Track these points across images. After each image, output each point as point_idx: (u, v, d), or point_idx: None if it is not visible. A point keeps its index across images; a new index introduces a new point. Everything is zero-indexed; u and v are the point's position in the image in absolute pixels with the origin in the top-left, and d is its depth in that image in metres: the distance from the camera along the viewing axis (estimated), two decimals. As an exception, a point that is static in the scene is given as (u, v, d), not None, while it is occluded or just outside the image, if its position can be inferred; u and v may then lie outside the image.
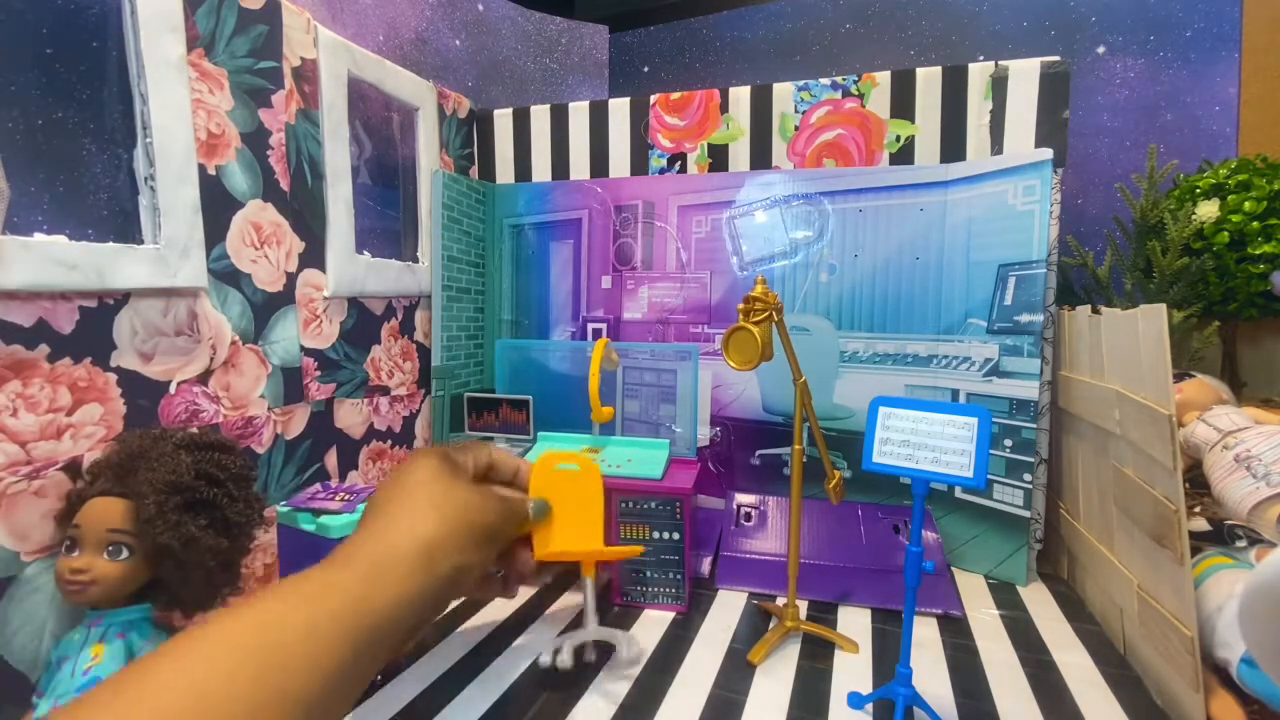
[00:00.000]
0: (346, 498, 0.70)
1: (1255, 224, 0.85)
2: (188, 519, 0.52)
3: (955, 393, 0.90)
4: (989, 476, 0.87)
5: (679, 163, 1.08)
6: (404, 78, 0.98)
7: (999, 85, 0.91)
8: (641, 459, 0.83)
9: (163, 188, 0.63)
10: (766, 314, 0.63)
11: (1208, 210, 0.87)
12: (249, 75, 0.73)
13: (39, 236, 0.54)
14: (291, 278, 0.79)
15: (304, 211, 0.81)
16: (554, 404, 1.03)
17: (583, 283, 1.10)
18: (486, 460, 0.49)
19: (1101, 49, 1.09)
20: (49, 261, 0.54)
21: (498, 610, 0.78)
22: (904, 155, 0.98)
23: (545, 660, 0.61)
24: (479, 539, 0.35)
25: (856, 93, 0.99)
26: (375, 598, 0.28)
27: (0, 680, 0.52)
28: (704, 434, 1.00)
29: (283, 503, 0.71)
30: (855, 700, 0.59)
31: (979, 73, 0.92)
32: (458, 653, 0.69)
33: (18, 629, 0.53)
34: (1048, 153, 0.83)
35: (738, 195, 1.01)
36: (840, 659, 0.67)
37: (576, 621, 0.73)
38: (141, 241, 0.63)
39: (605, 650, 0.67)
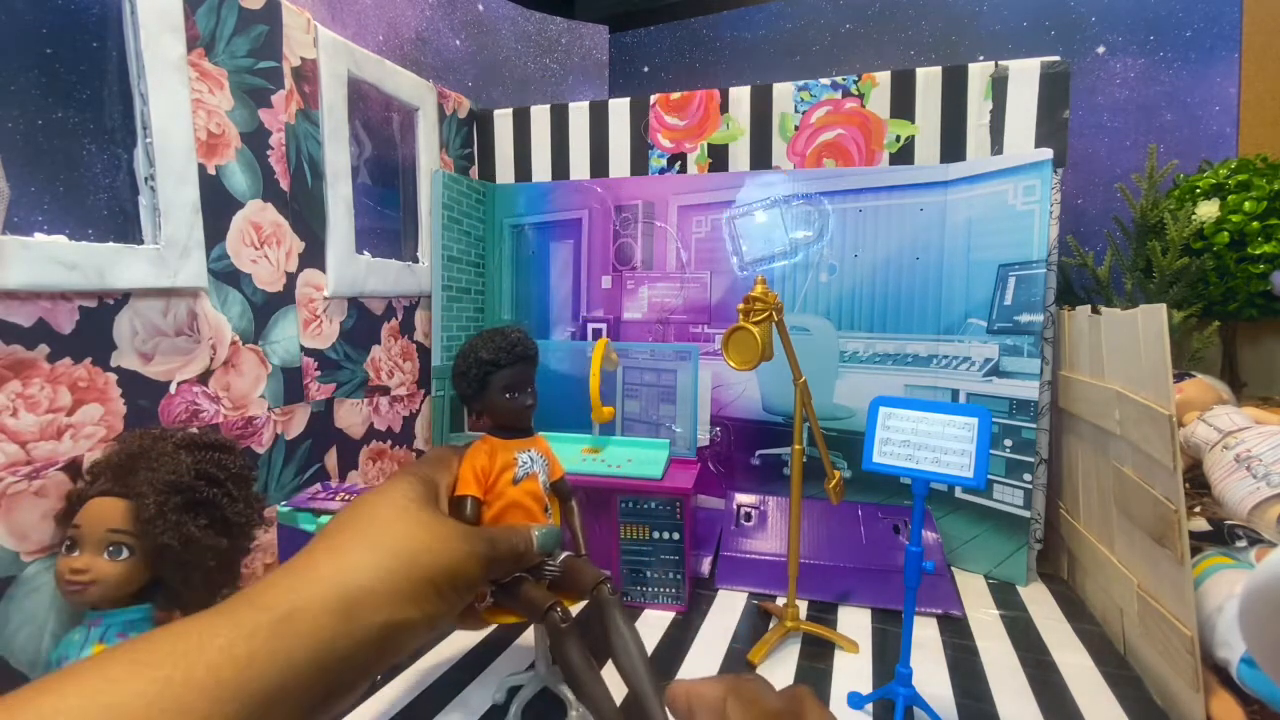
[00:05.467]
0: (346, 498, 0.70)
1: (1255, 224, 0.85)
2: (188, 519, 0.52)
3: (955, 393, 0.90)
4: (989, 476, 0.87)
5: (679, 163, 1.08)
6: (404, 78, 0.98)
7: (999, 85, 0.91)
8: (641, 459, 0.83)
9: (163, 188, 0.63)
10: (766, 314, 0.63)
11: (1208, 210, 0.87)
12: (249, 75, 0.73)
13: (39, 236, 0.55)
14: (291, 278, 0.79)
15: (304, 211, 0.81)
16: (554, 404, 1.02)
17: (583, 283, 1.10)
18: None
19: (1101, 49, 1.09)
20: (49, 261, 0.54)
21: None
22: (904, 155, 0.98)
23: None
24: (425, 590, 0.28)
25: (856, 93, 0.99)
26: (261, 661, 0.22)
27: (0, 680, 0.52)
28: (704, 434, 1.00)
29: (283, 503, 0.71)
30: (855, 700, 0.59)
31: (979, 73, 0.92)
32: (456, 654, 0.69)
33: (18, 629, 0.53)
34: (1048, 153, 0.83)
35: (738, 195, 1.01)
36: (840, 659, 0.67)
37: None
38: (141, 241, 0.63)
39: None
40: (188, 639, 0.22)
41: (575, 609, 0.54)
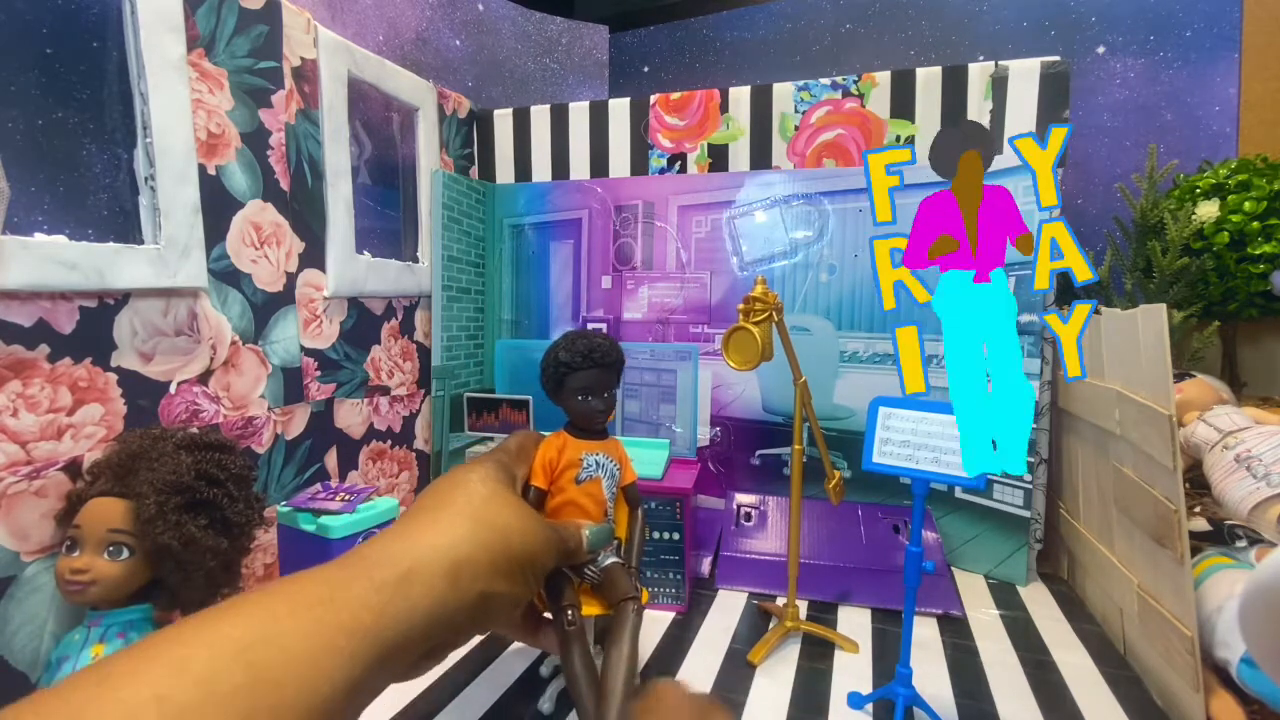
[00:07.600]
0: (346, 498, 0.70)
1: (1255, 224, 0.85)
2: (188, 519, 0.52)
3: (955, 393, 0.90)
4: (989, 477, 0.87)
5: (679, 163, 1.08)
6: (404, 78, 0.98)
7: (999, 85, 0.91)
8: (641, 459, 0.83)
9: (163, 188, 0.63)
10: (766, 314, 0.63)
11: (1208, 210, 0.87)
12: (249, 75, 0.73)
13: (39, 236, 0.55)
14: (291, 278, 0.79)
15: (304, 211, 0.81)
16: (554, 404, 1.02)
17: (583, 283, 1.10)
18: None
19: (1101, 49, 1.09)
20: (49, 261, 0.54)
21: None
22: (904, 155, 0.97)
23: (545, 707, 0.59)
24: (514, 568, 0.31)
25: (856, 93, 0.99)
26: (391, 612, 0.25)
27: (0, 680, 0.52)
28: (704, 434, 1.00)
29: (283, 503, 0.71)
30: (855, 700, 0.59)
31: (979, 73, 0.92)
32: (458, 652, 0.69)
33: (18, 629, 0.53)
34: (1048, 153, 0.83)
35: (738, 195, 1.01)
36: (840, 659, 0.67)
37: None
38: (141, 241, 0.63)
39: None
40: (330, 586, 0.25)
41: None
